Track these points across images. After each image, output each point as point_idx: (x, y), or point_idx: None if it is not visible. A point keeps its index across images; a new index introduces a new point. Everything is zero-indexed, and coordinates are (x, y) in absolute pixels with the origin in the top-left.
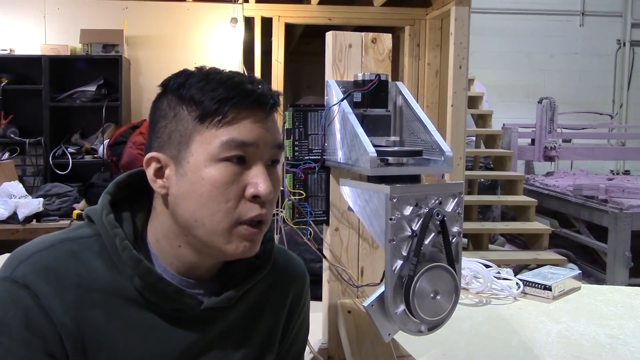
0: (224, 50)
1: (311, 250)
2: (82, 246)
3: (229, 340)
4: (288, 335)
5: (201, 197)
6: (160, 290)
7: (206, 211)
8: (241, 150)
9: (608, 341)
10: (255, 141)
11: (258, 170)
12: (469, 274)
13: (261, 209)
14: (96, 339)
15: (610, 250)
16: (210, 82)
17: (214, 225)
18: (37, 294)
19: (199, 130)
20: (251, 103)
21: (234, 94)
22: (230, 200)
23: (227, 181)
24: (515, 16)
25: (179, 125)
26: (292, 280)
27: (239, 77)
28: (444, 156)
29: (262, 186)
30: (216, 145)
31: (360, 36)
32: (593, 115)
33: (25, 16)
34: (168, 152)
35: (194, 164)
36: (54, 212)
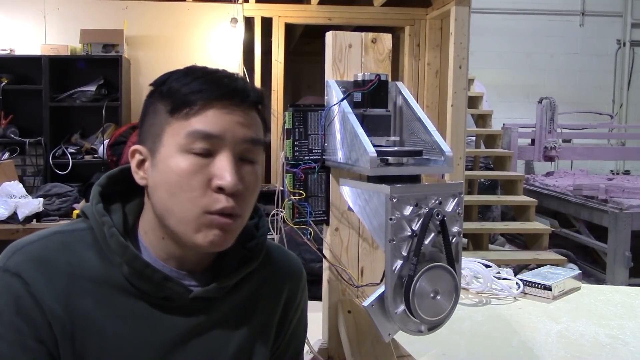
0: (224, 50)
1: (311, 250)
2: (74, 238)
3: (220, 331)
4: (284, 332)
5: (169, 186)
6: (147, 277)
7: (174, 200)
8: (206, 142)
9: (608, 341)
10: (221, 133)
11: (223, 162)
12: (469, 274)
13: (227, 201)
14: (86, 326)
15: (610, 250)
16: (187, 77)
17: (182, 214)
18: (27, 281)
19: (170, 122)
20: (221, 96)
21: (204, 87)
22: (195, 190)
23: (191, 171)
24: (515, 16)
25: (155, 118)
26: (287, 276)
27: (220, 73)
28: (444, 156)
29: (226, 178)
30: (182, 136)
31: (360, 36)
32: (593, 115)
33: (25, 16)
34: (147, 144)
35: (164, 154)
36: (54, 212)
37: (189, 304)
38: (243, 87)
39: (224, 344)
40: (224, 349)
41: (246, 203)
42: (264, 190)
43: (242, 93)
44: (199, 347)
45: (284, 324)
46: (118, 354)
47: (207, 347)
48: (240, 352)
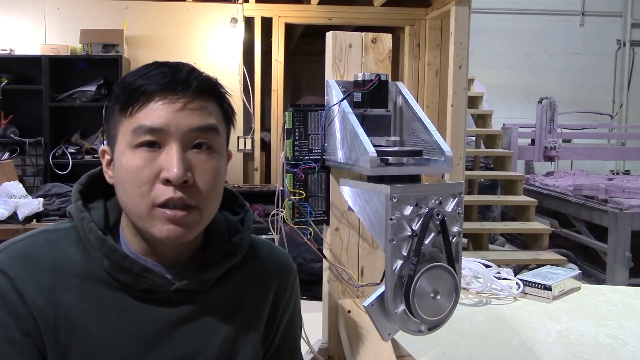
0: (224, 50)
1: (311, 250)
2: (59, 236)
3: (206, 323)
4: (275, 327)
5: (122, 183)
6: (126, 269)
7: (127, 196)
8: (151, 135)
9: (608, 341)
10: (164, 125)
11: (169, 154)
12: (469, 274)
13: (175, 192)
14: (69, 319)
15: (610, 250)
16: (134, 76)
17: (136, 210)
18: (12, 277)
19: (122, 121)
20: (161, 88)
21: (145, 82)
22: (144, 185)
23: (139, 166)
24: (515, 16)
25: (112, 119)
26: (275, 272)
27: (165, 66)
28: (444, 156)
29: (172, 170)
30: (129, 133)
31: (360, 36)
32: (593, 115)
33: (25, 16)
34: (109, 144)
35: (117, 153)
36: (54, 212)
37: (172, 296)
38: (185, 76)
39: (210, 336)
40: (210, 341)
41: (202, 193)
42: (264, 190)
43: (184, 82)
44: (184, 339)
45: (274, 319)
46: (102, 346)
47: (192, 339)
48: (227, 345)
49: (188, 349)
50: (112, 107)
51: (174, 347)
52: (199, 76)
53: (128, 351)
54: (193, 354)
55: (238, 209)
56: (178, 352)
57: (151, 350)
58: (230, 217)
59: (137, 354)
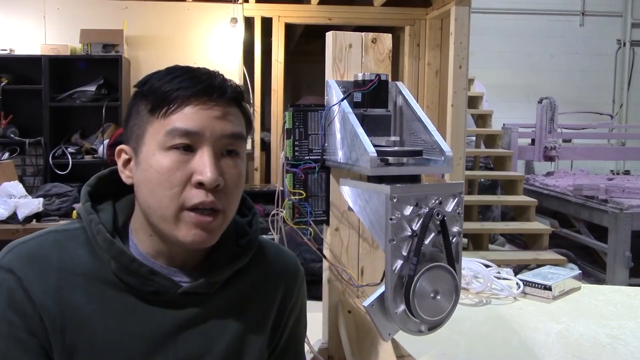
0: (224, 50)
1: (311, 250)
2: (68, 237)
3: (212, 325)
4: (281, 330)
5: (150, 184)
6: (134, 271)
7: (155, 198)
8: (186, 139)
9: (608, 341)
10: (200, 129)
11: (203, 158)
12: (469, 274)
13: (207, 196)
14: (76, 319)
15: (610, 250)
16: (167, 76)
17: (162, 211)
18: (20, 276)
19: (151, 121)
20: (198, 92)
21: (182, 84)
22: (175, 187)
23: (171, 168)
24: (515, 16)
25: (138, 119)
26: (282, 274)
27: (199, 71)
28: (444, 156)
29: (205, 173)
30: (162, 134)
31: (360, 36)
32: (593, 115)
33: (25, 16)
34: (131, 144)
35: (146, 153)
36: (54, 212)
37: (179, 298)
38: (221, 83)
39: (216, 338)
40: (216, 343)
41: (228, 198)
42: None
43: (220, 89)
44: (190, 341)
45: (280, 321)
46: (108, 347)
47: (199, 341)
48: (233, 347)
49: (194, 350)
50: (137, 107)
51: (179, 349)
52: (231, 84)
53: (134, 352)
54: (199, 355)
55: (246, 210)
56: (184, 354)
57: (157, 351)
58: (239, 219)
59: (143, 355)
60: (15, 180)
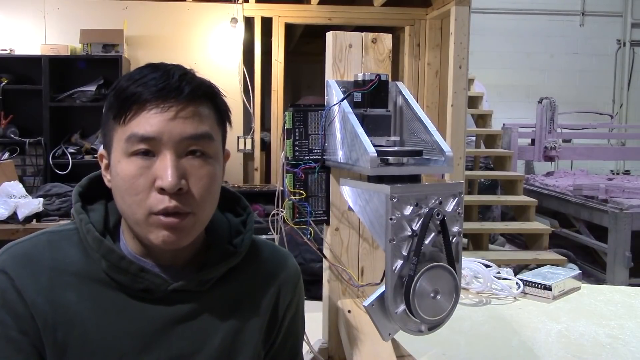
0: (224, 50)
1: (311, 250)
2: (61, 237)
3: (205, 323)
4: (277, 329)
5: (119, 190)
6: (124, 269)
7: (125, 204)
8: (145, 144)
9: (608, 341)
10: (157, 134)
11: (163, 162)
12: (469, 274)
13: (169, 201)
14: (68, 318)
15: (610, 250)
16: (128, 82)
17: (133, 217)
18: (12, 276)
19: (116, 128)
20: (152, 96)
21: (137, 90)
22: (139, 193)
23: (134, 175)
24: (515, 16)
25: (107, 125)
26: (277, 273)
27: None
28: (444, 156)
29: (166, 178)
30: (123, 141)
31: (360, 36)
32: (593, 115)
33: (25, 16)
34: (106, 149)
35: (114, 160)
36: (54, 212)
37: (170, 296)
38: (176, 83)
39: (209, 336)
40: (208, 341)
41: (196, 199)
42: (264, 190)
43: (176, 89)
44: (182, 338)
45: (275, 321)
46: (100, 344)
47: (191, 338)
48: (226, 345)
49: (186, 348)
50: (106, 113)
51: (172, 346)
52: (191, 81)
53: (126, 350)
54: (191, 353)
55: (241, 210)
56: (176, 351)
57: (149, 349)
58: (233, 219)
59: (135, 352)
60: (15, 180)
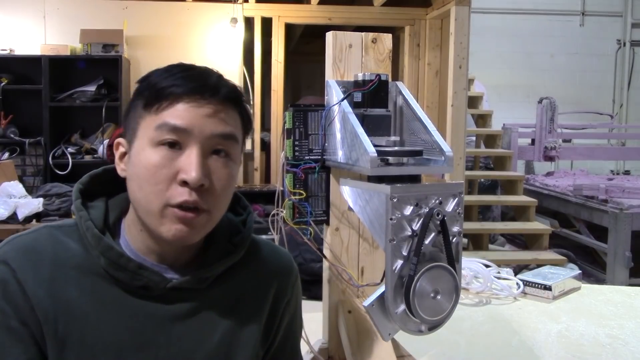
0: (224, 50)
1: (311, 250)
2: (63, 232)
3: (204, 321)
4: (275, 328)
5: (138, 178)
6: (122, 266)
7: (142, 192)
8: (174, 135)
9: (608, 341)
10: (188, 127)
11: (190, 157)
12: (469, 274)
13: (190, 195)
14: (68, 311)
15: (610, 250)
16: (164, 74)
17: (147, 206)
18: (14, 268)
19: (144, 116)
20: (191, 90)
21: (176, 82)
22: (160, 183)
23: (158, 164)
24: (515, 16)
25: (134, 113)
26: (276, 272)
27: (196, 69)
28: (444, 156)
29: (190, 172)
30: (152, 129)
31: (360, 36)
32: (593, 115)
33: (25, 16)
34: (127, 137)
35: (137, 148)
36: (54, 212)
37: (169, 293)
38: (215, 82)
39: (208, 333)
40: (207, 339)
41: (215, 198)
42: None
43: (214, 88)
44: (181, 336)
45: (274, 319)
46: (99, 338)
47: (190, 336)
48: (225, 343)
49: (185, 345)
50: (134, 102)
51: (170, 344)
52: (227, 84)
53: (125, 345)
54: (190, 350)
55: (241, 209)
56: (175, 349)
57: (148, 345)
58: (233, 218)
59: (133, 348)
60: (15, 180)
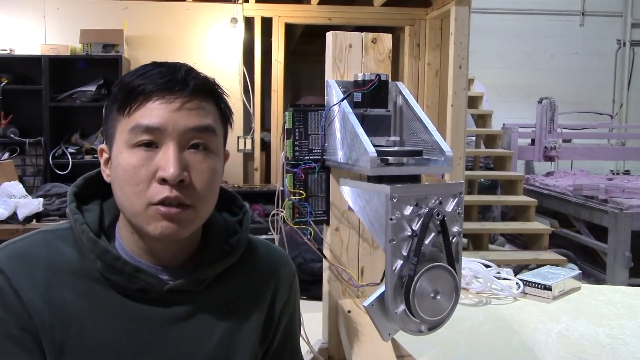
0: (223, 50)
1: (311, 250)
2: (57, 236)
3: (202, 323)
4: (274, 328)
5: (119, 181)
6: (118, 269)
7: (124, 195)
8: (149, 135)
9: (608, 341)
10: (162, 125)
11: (167, 154)
12: (469, 274)
13: (170, 191)
14: (65, 316)
15: (610, 250)
16: (132, 76)
17: (131, 208)
18: (9, 275)
19: (119, 120)
20: (159, 88)
21: (143, 82)
22: (140, 184)
23: (136, 165)
24: (515, 16)
25: (110, 119)
26: (273, 272)
27: (164, 66)
28: (444, 156)
29: (168, 169)
30: (126, 132)
31: (360, 36)
32: (593, 115)
33: (25, 16)
34: (107, 143)
35: (115, 152)
36: (54, 212)
37: (166, 296)
38: (183, 76)
39: (206, 335)
40: (205, 341)
41: (197, 192)
42: (265, 190)
43: (182, 82)
44: (179, 338)
45: (272, 320)
46: (96, 343)
47: (187, 338)
48: (223, 345)
49: (183, 348)
50: (110, 107)
51: (168, 347)
52: (196, 76)
53: (122, 349)
54: (188, 353)
55: (237, 210)
56: (173, 351)
57: (145, 349)
58: (229, 218)
59: (131, 352)
60: (15, 180)
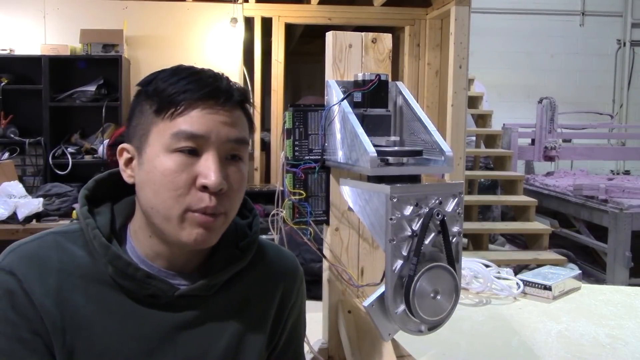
0: (223, 50)
1: (311, 250)
2: (67, 238)
3: (211, 327)
4: (280, 330)
5: (154, 185)
6: (130, 275)
7: (159, 199)
8: (192, 142)
9: (608, 341)
10: (206, 133)
11: (208, 162)
12: (469, 274)
13: (210, 200)
14: (75, 320)
15: (610, 250)
16: (173, 77)
17: (166, 212)
18: (20, 278)
19: (156, 122)
20: (205, 96)
21: (189, 87)
22: (179, 189)
23: (176, 170)
24: (515, 16)
25: (142, 118)
26: (281, 275)
27: (205, 73)
28: (444, 156)
29: (210, 177)
30: (168, 137)
31: (360, 36)
32: (593, 115)
33: (25, 16)
34: (134, 143)
35: (150, 154)
36: (54, 212)
37: (177, 301)
38: (227, 86)
39: (215, 340)
40: (214, 345)
41: (231, 201)
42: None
43: (227, 93)
44: (188, 343)
45: (279, 322)
46: (107, 348)
47: (197, 343)
48: (232, 348)
49: (192, 352)
50: (140, 106)
51: (178, 351)
52: (238, 88)
53: (132, 353)
54: (197, 357)
55: (247, 212)
56: (182, 356)
57: (155, 353)
58: (239, 221)
59: (141, 356)
60: (15, 180)
